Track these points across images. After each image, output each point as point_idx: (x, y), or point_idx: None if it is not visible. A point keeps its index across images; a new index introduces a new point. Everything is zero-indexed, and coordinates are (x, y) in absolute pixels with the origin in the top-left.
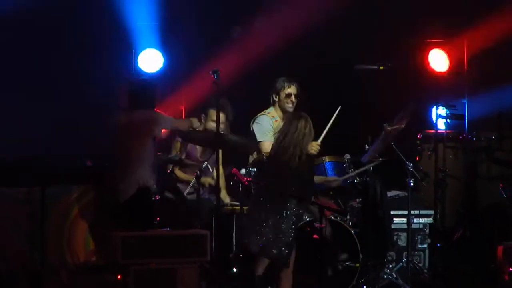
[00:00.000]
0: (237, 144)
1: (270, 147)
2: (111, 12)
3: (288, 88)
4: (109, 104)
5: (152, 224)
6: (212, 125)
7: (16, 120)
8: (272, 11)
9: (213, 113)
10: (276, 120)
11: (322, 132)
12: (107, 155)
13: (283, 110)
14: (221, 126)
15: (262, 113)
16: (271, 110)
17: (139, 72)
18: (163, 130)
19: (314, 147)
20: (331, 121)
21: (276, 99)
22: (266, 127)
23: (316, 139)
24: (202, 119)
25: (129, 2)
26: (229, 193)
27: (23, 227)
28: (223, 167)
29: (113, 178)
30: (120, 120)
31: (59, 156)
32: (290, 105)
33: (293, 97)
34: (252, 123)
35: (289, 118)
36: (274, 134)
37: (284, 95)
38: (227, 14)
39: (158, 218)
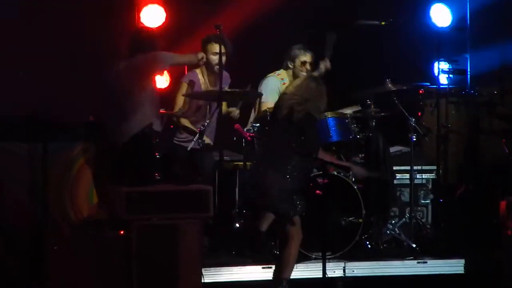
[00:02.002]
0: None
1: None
2: None
3: (304, 56)
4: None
5: (154, 171)
6: (212, 58)
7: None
8: None
9: (212, 46)
10: (284, 83)
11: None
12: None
13: (297, 77)
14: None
15: (272, 74)
16: (281, 72)
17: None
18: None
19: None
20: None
21: (291, 66)
22: (272, 88)
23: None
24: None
25: None
26: (232, 149)
27: (25, 182)
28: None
29: (112, 125)
30: (118, 66)
31: (62, 111)
32: (304, 73)
33: (308, 65)
34: (260, 84)
35: (300, 78)
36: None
37: (300, 63)
38: None
39: (157, 174)
